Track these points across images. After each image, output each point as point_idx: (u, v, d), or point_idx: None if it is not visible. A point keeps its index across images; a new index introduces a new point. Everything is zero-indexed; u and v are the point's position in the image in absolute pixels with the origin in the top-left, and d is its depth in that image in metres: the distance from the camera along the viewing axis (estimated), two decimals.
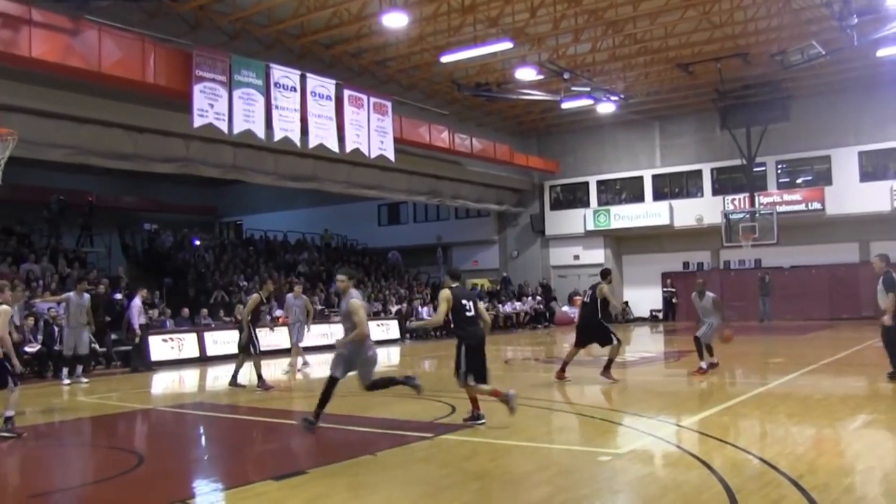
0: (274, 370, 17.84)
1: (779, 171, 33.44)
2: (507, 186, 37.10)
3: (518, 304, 34.26)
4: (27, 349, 17.55)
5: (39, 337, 18.19)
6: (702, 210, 33.93)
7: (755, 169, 32.69)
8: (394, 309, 30.25)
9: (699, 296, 15.55)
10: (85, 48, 16.37)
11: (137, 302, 19.40)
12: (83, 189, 32.20)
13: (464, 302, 9.90)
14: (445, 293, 9.84)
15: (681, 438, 9.21)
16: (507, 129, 35.32)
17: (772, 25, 24.32)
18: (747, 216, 31.65)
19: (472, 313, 9.90)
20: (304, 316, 18.08)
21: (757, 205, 32.08)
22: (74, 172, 29.47)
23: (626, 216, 35.74)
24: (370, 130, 22.30)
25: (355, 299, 9.55)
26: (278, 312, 26.13)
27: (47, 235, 27.08)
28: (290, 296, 18.79)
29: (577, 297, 36.83)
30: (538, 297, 35.89)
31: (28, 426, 10.11)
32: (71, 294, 16.69)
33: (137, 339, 19.39)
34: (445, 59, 24.06)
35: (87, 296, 16.81)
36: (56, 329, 17.94)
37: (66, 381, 16.44)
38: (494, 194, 36.56)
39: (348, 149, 21.64)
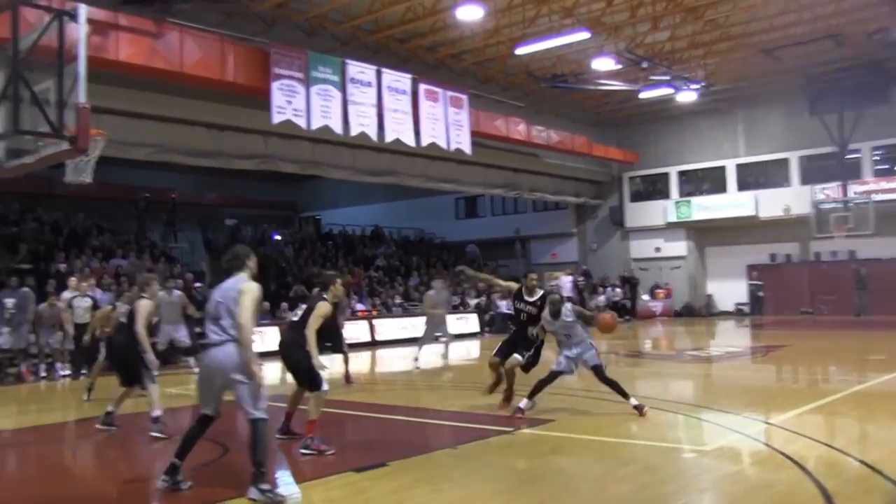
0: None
1: (875, 158, 32.29)
2: (586, 178, 36.78)
3: (600, 299, 33.95)
4: None
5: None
6: (789, 200, 33.06)
7: (848, 156, 31.78)
8: (472, 303, 30.29)
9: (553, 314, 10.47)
10: (167, 50, 16.84)
11: None
12: (167, 186, 33.01)
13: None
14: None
15: (770, 436, 9.00)
16: (584, 120, 35.02)
17: (867, 3, 23.42)
18: (840, 206, 30.79)
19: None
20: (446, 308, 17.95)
21: (851, 193, 31.16)
22: (159, 170, 30.15)
23: (708, 207, 35.08)
24: (446, 124, 22.36)
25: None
26: (359, 306, 26.48)
27: (135, 232, 27.78)
28: (431, 293, 18.45)
29: (660, 290, 36.49)
30: (618, 290, 35.47)
31: (120, 415, 10.39)
32: (160, 293, 17.14)
33: None
34: (521, 50, 23.96)
35: (176, 292, 17.24)
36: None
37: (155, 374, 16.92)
38: (572, 186, 36.31)
39: (424, 143, 21.74)
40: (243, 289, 6.76)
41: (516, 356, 10.63)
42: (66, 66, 7.83)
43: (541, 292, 10.77)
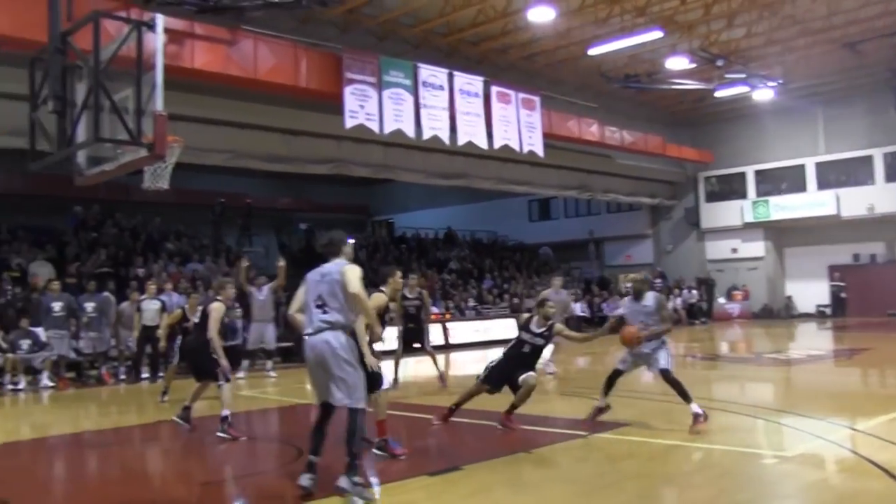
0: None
1: None
2: (660, 179, 36.30)
3: (677, 301, 33.45)
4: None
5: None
6: (873, 198, 32.09)
7: None
8: None
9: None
10: (242, 57, 17.09)
11: None
12: (242, 192, 33.53)
13: None
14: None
15: (857, 443, 8.69)
16: (658, 120, 34.54)
17: None
18: None
19: None
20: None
21: None
22: (234, 176, 30.66)
23: (787, 207, 34.28)
24: (519, 126, 22.26)
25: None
26: (433, 309, 26.51)
27: (211, 236, 28.27)
28: (549, 292, 16.61)
29: (737, 292, 35.83)
30: (694, 291, 34.92)
31: (196, 418, 10.56)
32: (252, 289, 17.43)
33: None
34: (593, 51, 23.76)
35: (265, 289, 17.49)
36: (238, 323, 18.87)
37: (241, 374, 17.17)
38: (647, 187, 35.87)
39: (497, 145, 21.67)
40: (345, 269, 6.72)
41: (531, 374, 9.62)
42: (143, 74, 7.99)
43: (550, 322, 9.99)
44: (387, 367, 8.96)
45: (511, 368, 9.76)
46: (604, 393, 10.00)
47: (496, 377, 9.83)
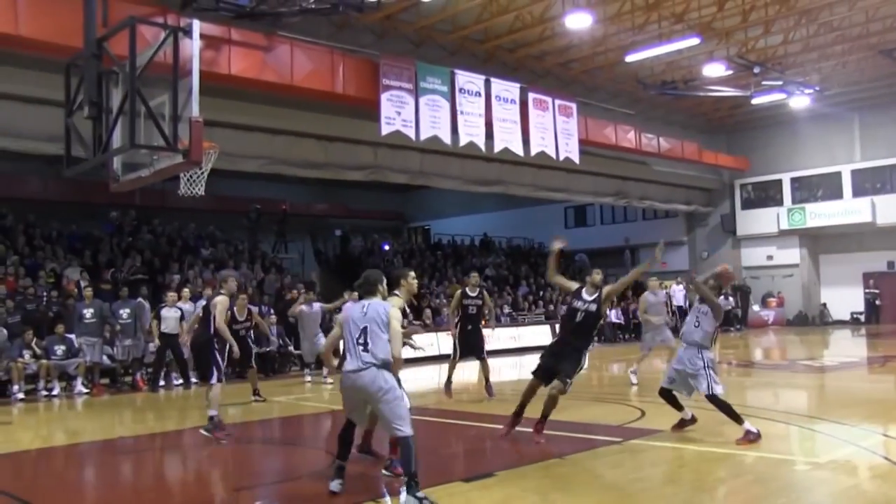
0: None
1: None
2: (696, 186, 35.94)
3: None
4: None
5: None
6: None
7: None
8: None
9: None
10: (278, 63, 17.05)
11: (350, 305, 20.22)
12: (277, 198, 33.68)
13: None
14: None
15: (890, 450, 8.52)
16: (694, 127, 34.21)
17: None
18: None
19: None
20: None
21: None
22: (269, 182, 30.78)
23: (822, 214, 33.76)
24: (556, 133, 22.09)
25: None
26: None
27: (246, 242, 28.35)
28: (647, 294, 16.00)
29: (772, 299, 35.35)
30: (730, 298, 34.43)
31: (231, 424, 10.55)
32: (303, 307, 17.50)
33: None
34: (630, 58, 23.56)
35: (316, 305, 17.58)
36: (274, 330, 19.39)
37: (308, 379, 17.76)
38: (683, 194, 35.52)
39: (533, 152, 21.52)
40: (392, 312, 6.83)
41: (558, 382, 9.10)
42: (179, 80, 8.01)
43: (598, 290, 9.54)
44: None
45: (556, 358, 9.38)
46: (676, 408, 9.57)
47: (542, 368, 9.49)
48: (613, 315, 29.59)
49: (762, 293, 35.91)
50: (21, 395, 15.30)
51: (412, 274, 8.27)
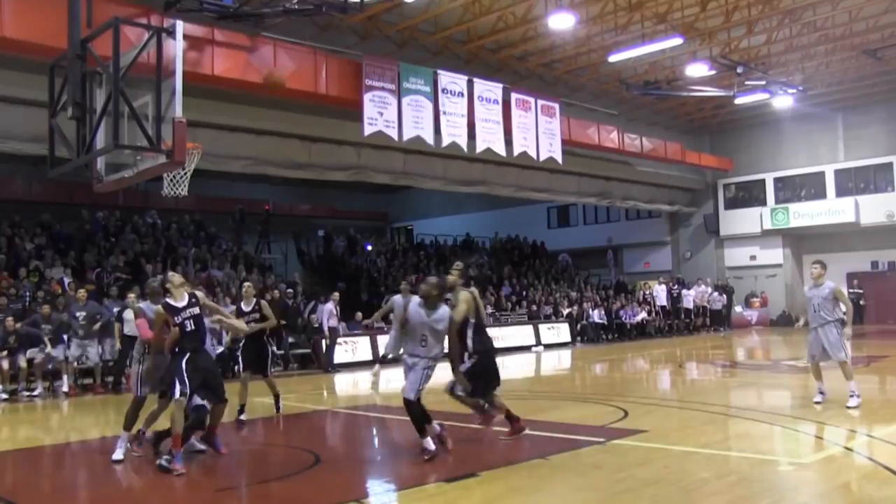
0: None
1: None
2: (679, 186, 36.14)
3: (689, 294, 33.06)
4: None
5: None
6: (893, 206, 31.77)
7: None
8: (565, 312, 30.03)
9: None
10: (261, 63, 17.09)
11: (329, 306, 20.32)
12: (261, 198, 33.64)
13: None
14: (466, 294, 9.14)
15: (874, 450, 8.60)
16: (677, 128, 34.43)
17: None
18: None
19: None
20: None
21: None
22: (253, 182, 30.76)
23: (806, 214, 34.01)
24: (538, 133, 22.21)
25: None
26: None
27: (230, 242, 28.29)
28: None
29: (755, 299, 35.58)
30: (715, 294, 34.44)
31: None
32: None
33: (328, 342, 20.31)
34: (613, 58, 23.65)
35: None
36: None
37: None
38: (666, 194, 35.71)
39: (516, 152, 21.64)
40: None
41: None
42: (163, 81, 8.03)
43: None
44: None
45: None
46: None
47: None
48: (596, 315, 29.70)
49: (745, 293, 36.13)
50: (4, 396, 15.25)
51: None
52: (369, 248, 33.69)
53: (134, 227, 25.19)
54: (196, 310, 8.36)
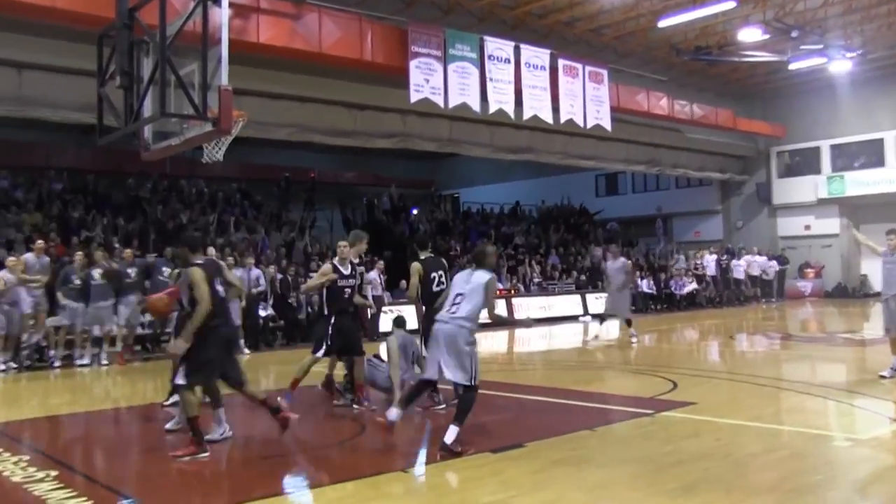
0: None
1: None
2: (731, 153, 35.61)
3: (739, 264, 32.62)
4: None
5: None
6: None
7: None
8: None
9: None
10: (306, 31, 17.14)
11: (374, 275, 20.33)
12: (306, 166, 33.78)
13: (433, 275, 9.82)
14: (415, 266, 9.87)
15: None
16: (729, 94, 33.83)
17: None
18: None
19: (439, 288, 9.74)
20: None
21: None
22: (298, 150, 30.87)
23: (863, 182, 33.26)
24: (585, 100, 21.99)
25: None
26: (497, 285, 26.52)
27: (276, 210, 28.53)
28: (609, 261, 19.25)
29: (809, 270, 35.06)
30: (772, 261, 33.81)
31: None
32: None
33: (373, 311, 20.40)
34: (663, 23, 23.31)
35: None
36: None
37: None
38: (717, 162, 35.22)
39: (563, 119, 21.47)
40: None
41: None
42: (209, 49, 8.06)
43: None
44: None
45: None
46: None
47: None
48: (645, 285, 29.46)
49: (799, 264, 35.58)
50: (57, 363, 15.49)
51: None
52: (415, 212, 33.72)
53: (180, 196, 25.59)
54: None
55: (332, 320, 9.74)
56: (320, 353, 9.74)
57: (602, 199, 42.25)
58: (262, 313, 19.11)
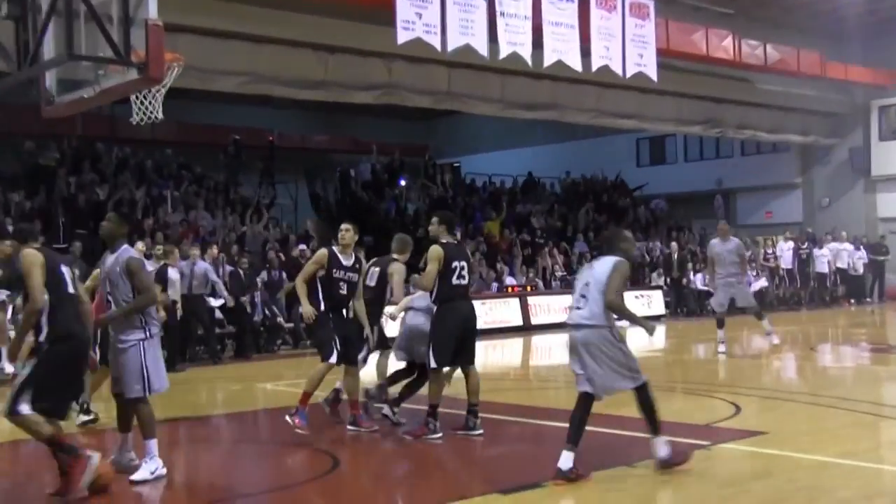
0: None
1: None
2: (816, 109, 35.47)
3: (823, 253, 32.62)
4: None
5: None
6: None
7: None
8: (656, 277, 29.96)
9: None
10: None
11: None
12: (262, 127, 33.83)
13: (455, 265, 9.95)
14: (436, 250, 9.95)
15: None
16: (816, 31, 33.62)
17: None
18: None
19: (459, 282, 9.99)
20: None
21: None
22: (252, 106, 30.91)
23: None
24: (625, 41, 21.93)
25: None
26: (510, 280, 26.60)
27: (224, 184, 28.54)
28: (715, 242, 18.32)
29: None
30: (860, 250, 33.82)
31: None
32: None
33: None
34: None
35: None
36: None
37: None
38: (798, 121, 35.13)
39: (595, 66, 21.41)
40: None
41: None
42: None
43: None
44: None
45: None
46: None
47: None
48: (699, 280, 29.48)
49: None
50: None
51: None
52: (402, 182, 33.77)
53: (95, 165, 25.48)
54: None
55: (331, 317, 10.34)
56: (333, 358, 10.19)
57: (645, 169, 42.30)
58: (215, 303, 19.22)
